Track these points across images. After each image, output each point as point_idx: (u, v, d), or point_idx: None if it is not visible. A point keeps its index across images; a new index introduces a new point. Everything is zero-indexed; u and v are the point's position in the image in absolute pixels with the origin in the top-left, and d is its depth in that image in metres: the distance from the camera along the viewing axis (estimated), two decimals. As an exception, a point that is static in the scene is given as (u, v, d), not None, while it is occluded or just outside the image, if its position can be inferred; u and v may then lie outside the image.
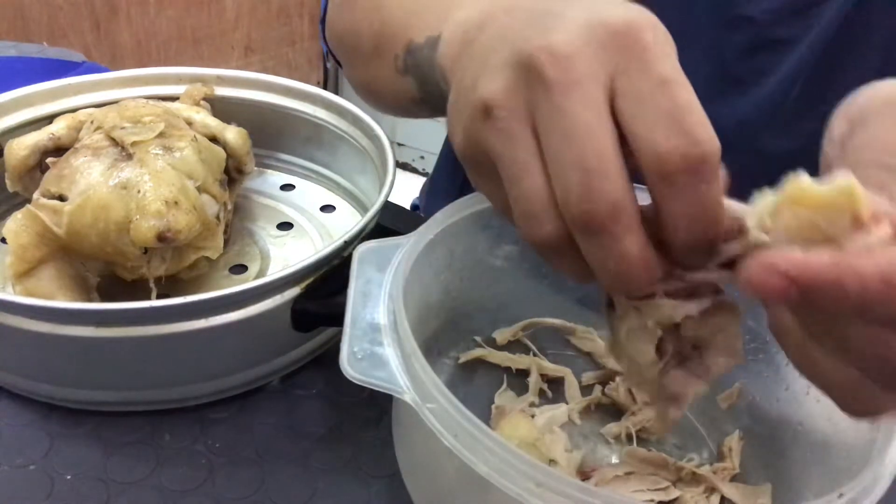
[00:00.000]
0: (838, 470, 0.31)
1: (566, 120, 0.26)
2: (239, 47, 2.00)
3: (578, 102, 0.26)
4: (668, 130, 0.25)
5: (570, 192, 0.26)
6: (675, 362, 0.32)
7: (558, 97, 0.26)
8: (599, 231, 0.26)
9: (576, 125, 0.26)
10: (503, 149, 0.28)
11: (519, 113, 0.28)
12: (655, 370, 0.31)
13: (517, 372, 0.48)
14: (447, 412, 0.30)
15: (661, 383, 0.32)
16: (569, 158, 0.26)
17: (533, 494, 0.29)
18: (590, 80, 0.26)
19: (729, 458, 0.43)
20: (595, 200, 0.26)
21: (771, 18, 0.53)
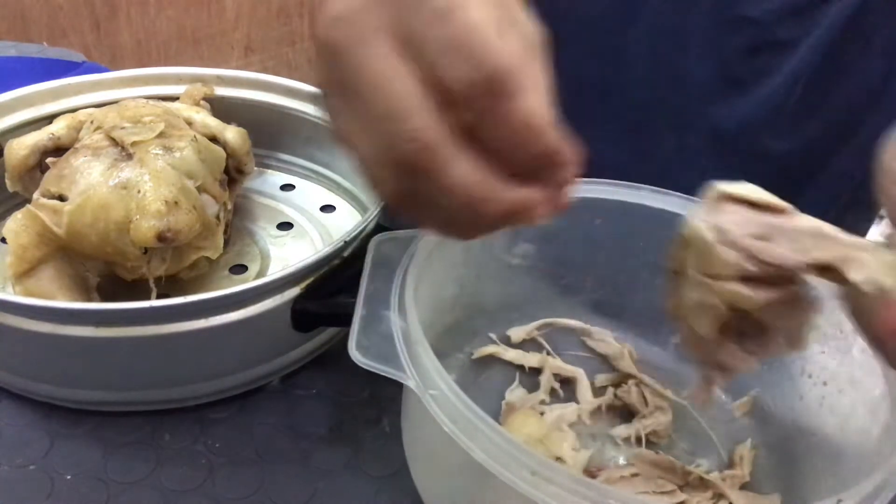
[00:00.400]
0: (849, 482, 0.31)
1: (364, 75, 0.26)
2: (239, 47, 2.00)
3: (370, 56, 0.26)
4: (450, 60, 0.25)
5: (382, 147, 0.27)
6: (734, 336, 0.32)
7: (351, 57, 0.27)
8: (423, 171, 0.26)
9: (372, 78, 0.26)
10: (340, 126, 0.30)
11: (335, 87, 0.29)
12: (710, 340, 0.32)
13: (530, 370, 0.48)
14: (448, 399, 0.31)
15: (714, 352, 0.32)
16: (372, 114, 0.26)
17: (527, 482, 0.29)
18: (374, 33, 0.26)
19: (739, 465, 0.42)
20: (405, 142, 0.26)
21: (772, 19, 0.53)
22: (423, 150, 0.26)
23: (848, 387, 0.39)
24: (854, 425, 0.37)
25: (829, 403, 0.40)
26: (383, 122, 0.26)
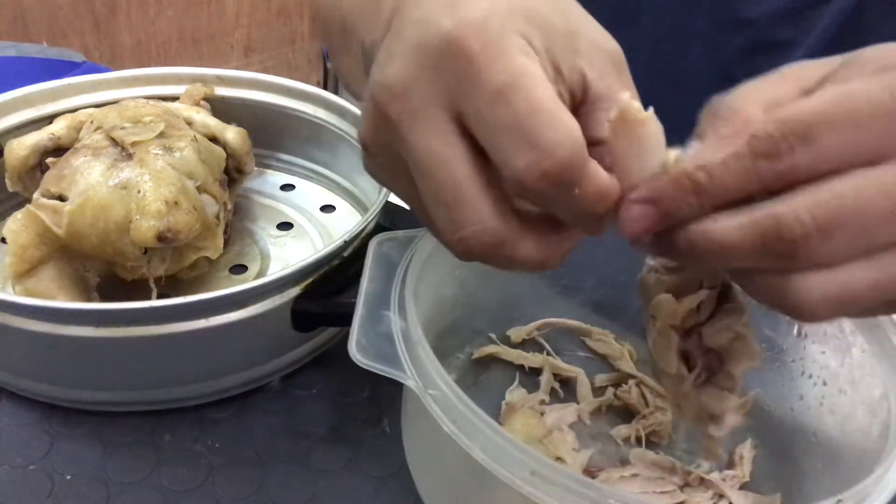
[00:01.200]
0: (849, 481, 0.31)
1: (416, 154, 0.26)
2: (239, 47, 2.00)
3: (423, 134, 0.26)
4: (514, 147, 0.24)
5: (442, 230, 0.26)
6: (706, 377, 0.32)
7: (404, 133, 0.26)
8: (483, 258, 0.26)
9: (425, 158, 0.26)
10: (388, 182, 0.29)
11: (386, 152, 0.28)
12: (687, 384, 0.32)
13: (530, 370, 0.49)
14: (448, 399, 0.31)
15: (697, 403, 0.33)
16: (429, 194, 0.26)
17: (527, 482, 0.29)
18: (428, 108, 0.26)
19: (739, 465, 0.42)
20: (463, 235, 0.26)
21: (770, 20, 0.53)
22: (482, 240, 0.26)
23: (848, 387, 0.39)
24: (854, 425, 0.37)
25: (829, 403, 0.40)
26: (439, 208, 0.26)
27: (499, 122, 0.24)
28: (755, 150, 0.25)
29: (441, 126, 0.26)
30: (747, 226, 0.25)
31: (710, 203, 0.25)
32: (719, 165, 0.25)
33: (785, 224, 0.24)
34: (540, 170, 0.24)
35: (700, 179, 0.25)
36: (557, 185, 0.24)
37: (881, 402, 0.36)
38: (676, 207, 0.26)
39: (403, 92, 0.26)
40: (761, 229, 0.25)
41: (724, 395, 0.32)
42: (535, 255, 0.26)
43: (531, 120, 0.24)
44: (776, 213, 0.24)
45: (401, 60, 0.26)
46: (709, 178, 0.25)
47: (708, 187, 0.25)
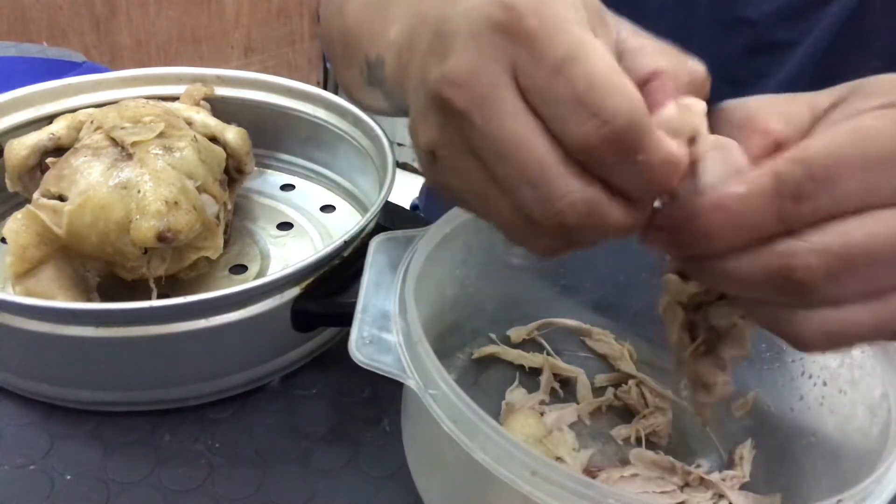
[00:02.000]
0: (849, 482, 0.31)
1: (493, 139, 0.26)
2: (239, 47, 2.00)
3: (497, 117, 0.26)
4: (576, 116, 0.24)
5: (532, 210, 0.26)
6: (705, 350, 0.34)
7: (478, 122, 0.26)
8: (579, 229, 0.26)
9: (503, 143, 0.26)
10: (461, 186, 0.29)
11: (457, 149, 0.28)
12: (686, 353, 0.34)
13: (530, 370, 0.49)
14: (448, 398, 0.31)
15: (694, 370, 0.34)
16: (514, 178, 0.26)
17: (527, 482, 0.29)
18: (497, 91, 0.26)
19: (739, 465, 0.42)
20: (557, 209, 0.26)
21: (771, 21, 0.53)
22: (579, 212, 0.25)
23: (848, 387, 0.39)
24: (854, 425, 0.37)
25: (828, 403, 0.40)
26: (526, 189, 0.26)
27: (560, 94, 0.24)
28: (780, 190, 0.25)
29: (513, 106, 0.26)
30: (758, 265, 0.26)
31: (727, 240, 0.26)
32: (742, 201, 0.25)
33: (795, 266, 0.25)
34: (601, 135, 0.24)
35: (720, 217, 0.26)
36: (620, 150, 0.24)
37: (881, 402, 0.36)
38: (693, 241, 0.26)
39: (469, 80, 0.26)
40: (772, 270, 0.25)
41: (715, 370, 0.34)
42: (627, 219, 0.26)
43: (592, 90, 0.24)
44: (788, 254, 0.25)
45: (459, 51, 0.26)
46: (730, 215, 0.25)
47: (728, 224, 0.26)
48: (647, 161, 0.25)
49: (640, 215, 0.27)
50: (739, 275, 0.26)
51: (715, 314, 0.33)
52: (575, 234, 0.26)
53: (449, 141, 0.28)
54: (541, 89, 0.25)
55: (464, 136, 0.27)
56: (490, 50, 0.26)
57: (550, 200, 0.25)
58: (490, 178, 0.27)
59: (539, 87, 0.25)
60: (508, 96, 0.26)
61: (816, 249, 0.25)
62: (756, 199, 0.25)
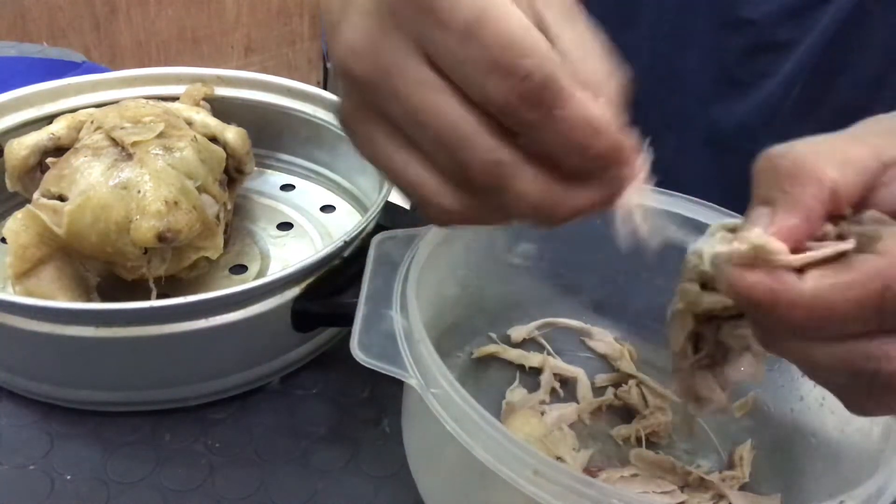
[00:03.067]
0: (849, 482, 0.31)
1: (404, 111, 0.26)
2: (239, 47, 2.00)
3: (406, 85, 0.25)
4: (493, 78, 0.24)
5: (450, 171, 0.26)
6: (707, 363, 0.33)
7: (384, 91, 0.26)
8: (496, 191, 0.26)
9: (415, 111, 0.25)
10: (377, 152, 0.28)
11: (366, 116, 0.27)
12: (687, 363, 0.33)
13: (530, 370, 0.49)
14: (450, 397, 0.31)
15: (691, 382, 0.33)
16: (429, 142, 0.26)
17: (529, 482, 0.29)
18: (403, 60, 0.25)
19: (739, 466, 0.42)
20: (473, 168, 0.25)
21: (770, 21, 0.53)
22: (489, 174, 0.25)
23: (848, 387, 0.39)
24: (854, 425, 0.37)
25: (829, 404, 0.40)
26: (441, 151, 0.26)
27: (473, 57, 0.24)
28: (885, 305, 0.24)
29: (421, 73, 0.25)
30: (842, 361, 0.25)
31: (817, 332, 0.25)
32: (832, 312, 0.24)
33: (885, 372, 0.24)
34: (518, 93, 0.24)
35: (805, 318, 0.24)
36: (536, 105, 0.24)
37: (881, 402, 0.36)
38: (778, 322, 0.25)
39: (373, 50, 0.26)
40: (856, 367, 0.25)
41: (714, 387, 0.33)
42: (535, 191, 0.25)
43: (505, 50, 0.23)
44: (877, 357, 0.24)
45: (359, 21, 0.26)
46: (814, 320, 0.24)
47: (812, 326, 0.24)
48: (565, 117, 0.24)
49: (551, 194, 0.26)
50: (817, 363, 0.25)
51: (729, 333, 0.32)
52: (488, 196, 0.26)
53: (361, 112, 0.28)
54: (452, 55, 0.24)
55: (371, 104, 0.27)
56: (392, 19, 0.25)
57: (464, 163, 0.25)
58: (404, 143, 0.27)
59: (449, 52, 0.24)
60: (413, 65, 0.25)
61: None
62: (859, 304, 0.24)
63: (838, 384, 0.27)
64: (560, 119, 0.24)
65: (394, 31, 0.25)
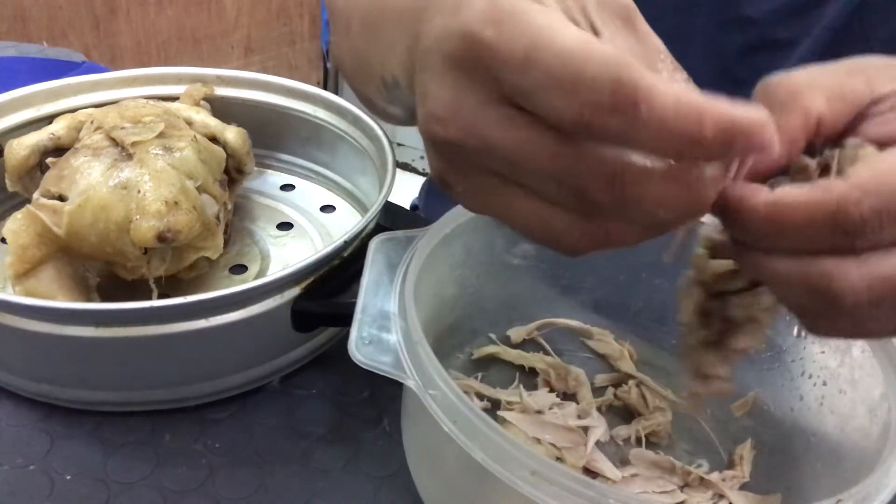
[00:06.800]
0: (849, 482, 0.31)
1: (501, 156, 0.25)
2: (239, 47, 2.00)
3: (493, 132, 0.25)
4: (560, 97, 0.23)
5: (569, 200, 0.26)
6: (714, 340, 0.34)
7: (476, 145, 0.26)
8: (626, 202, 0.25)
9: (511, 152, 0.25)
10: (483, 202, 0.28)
11: (464, 172, 0.28)
12: (694, 339, 0.34)
13: (530, 370, 0.49)
14: (448, 398, 0.31)
15: (697, 358, 0.34)
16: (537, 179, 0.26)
17: (527, 482, 0.29)
18: (483, 111, 0.25)
19: (739, 466, 0.42)
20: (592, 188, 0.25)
21: (771, 19, 0.53)
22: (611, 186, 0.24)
23: (848, 387, 0.39)
24: (854, 425, 0.37)
25: (829, 403, 0.40)
26: (551, 183, 0.25)
27: (539, 85, 0.24)
28: (840, 222, 0.24)
29: (504, 115, 0.25)
30: (801, 274, 0.25)
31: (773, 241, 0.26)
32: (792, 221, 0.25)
33: (839, 289, 0.25)
34: (592, 104, 0.23)
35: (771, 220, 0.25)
36: (615, 110, 0.23)
37: (881, 402, 0.36)
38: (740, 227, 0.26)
39: (454, 111, 0.26)
40: (814, 284, 0.25)
41: (717, 363, 0.34)
42: (673, 192, 0.24)
43: (566, 66, 0.23)
44: (835, 276, 0.25)
45: (436, 85, 0.26)
46: (775, 227, 0.25)
47: (777, 229, 0.25)
48: (654, 110, 0.22)
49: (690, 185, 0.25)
50: (778, 277, 0.26)
51: (735, 304, 0.33)
52: (619, 212, 0.25)
53: (453, 168, 0.28)
54: (522, 89, 0.24)
55: (466, 159, 0.27)
56: (463, 74, 0.25)
57: (582, 185, 0.25)
58: (513, 188, 0.27)
59: (519, 87, 0.24)
60: (493, 111, 0.25)
61: (869, 278, 0.24)
62: (811, 219, 0.24)
63: (798, 303, 0.27)
64: (650, 114, 0.23)
65: (470, 87, 0.25)
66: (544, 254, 0.48)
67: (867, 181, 0.24)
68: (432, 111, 0.26)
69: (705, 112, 0.22)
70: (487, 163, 0.26)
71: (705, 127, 0.22)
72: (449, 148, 0.27)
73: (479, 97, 0.25)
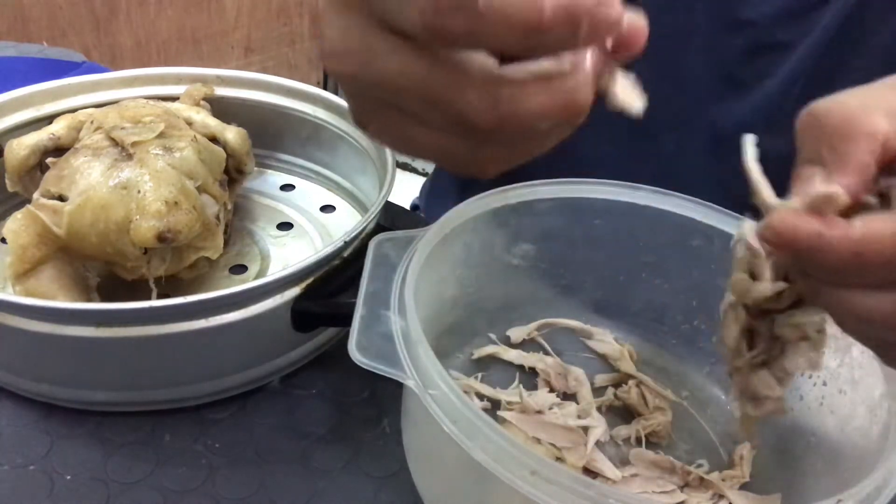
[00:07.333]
0: (849, 482, 0.31)
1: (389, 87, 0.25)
2: (239, 47, 2.00)
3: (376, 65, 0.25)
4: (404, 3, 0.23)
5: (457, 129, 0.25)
6: (763, 360, 0.33)
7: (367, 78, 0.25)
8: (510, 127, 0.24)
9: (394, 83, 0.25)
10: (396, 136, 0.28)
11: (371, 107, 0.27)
12: (743, 361, 0.33)
13: (530, 370, 0.49)
14: (448, 398, 0.31)
15: (747, 381, 0.33)
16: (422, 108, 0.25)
17: (527, 482, 0.29)
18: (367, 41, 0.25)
19: (739, 466, 0.42)
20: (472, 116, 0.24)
21: (770, 21, 0.53)
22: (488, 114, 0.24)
23: (848, 387, 0.39)
24: (854, 425, 0.37)
25: (829, 403, 0.40)
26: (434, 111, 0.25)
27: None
28: None
29: (384, 43, 0.24)
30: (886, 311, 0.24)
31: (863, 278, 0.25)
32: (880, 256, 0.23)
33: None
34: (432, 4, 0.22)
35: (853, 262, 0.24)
36: (455, 7, 0.21)
37: (881, 402, 0.36)
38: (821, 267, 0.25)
39: (344, 45, 0.25)
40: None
41: (772, 384, 0.33)
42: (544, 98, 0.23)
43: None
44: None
45: (328, 22, 0.26)
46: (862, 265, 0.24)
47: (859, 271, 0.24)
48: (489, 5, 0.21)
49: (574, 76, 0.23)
50: (865, 313, 0.25)
51: (784, 323, 0.31)
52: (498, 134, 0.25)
53: (362, 105, 0.28)
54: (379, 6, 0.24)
55: (368, 95, 0.27)
56: (346, 11, 0.25)
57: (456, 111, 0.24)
58: (406, 116, 0.26)
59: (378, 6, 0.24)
60: (375, 39, 0.25)
61: None
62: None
63: (878, 338, 0.26)
64: (487, 4, 0.21)
65: (351, 16, 0.25)
66: (544, 254, 0.48)
67: None
68: (327, 48, 0.26)
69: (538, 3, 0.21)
70: (384, 95, 0.26)
71: (543, 7, 0.21)
72: (351, 84, 0.27)
73: (362, 27, 0.25)
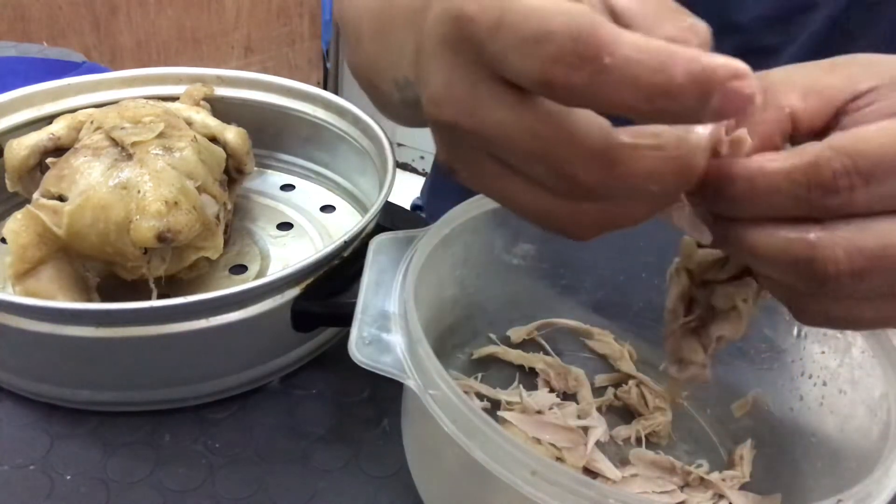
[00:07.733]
0: (849, 482, 0.31)
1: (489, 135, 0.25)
2: (239, 47, 2.00)
3: (479, 113, 0.25)
4: (527, 53, 0.22)
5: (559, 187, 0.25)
6: (695, 326, 0.35)
7: (468, 126, 0.25)
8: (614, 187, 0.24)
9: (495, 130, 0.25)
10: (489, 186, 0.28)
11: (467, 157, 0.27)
12: (676, 324, 0.35)
13: (529, 370, 0.49)
14: (448, 398, 0.31)
15: (677, 344, 0.35)
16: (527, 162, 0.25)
17: (527, 482, 0.29)
18: (475, 87, 0.25)
19: (739, 466, 0.42)
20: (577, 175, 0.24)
21: (758, 25, 0.54)
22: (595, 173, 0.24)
23: (848, 387, 0.39)
24: (854, 425, 0.37)
25: (829, 403, 0.40)
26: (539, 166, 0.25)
27: (506, 46, 0.23)
28: (813, 180, 0.24)
29: (492, 94, 0.24)
30: (782, 246, 0.25)
31: (751, 209, 0.26)
32: (769, 182, 0.25)
33: (820, 258, 0.24)
34: (553, 57, 0.22)
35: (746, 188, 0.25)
36: (578, 62, 0.21)
37: (881, 402, 0.36)
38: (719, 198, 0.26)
39: (448, 92, 0.25)
40: (795, 254, 0.25)
41: (698, 349, 0.34)
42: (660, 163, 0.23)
43: (528, 25, 0.22)
44: (814, 244, 0.24)
45: (432, 68, 0.26)
46: (753, 190, 0.25)
47: (751, 197, 0.25)
48: (615, 57, 0.21)
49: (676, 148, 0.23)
50: (762, 251, 0.26)
51: (719, 294, 0.33)
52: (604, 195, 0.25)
53: (455, 152, 0.28)
54: (496, 55, 0.23)
55: (465, 143, 0.27)
56: (452, 54, 0.25)
57: (565, 169, 0.24)
58: (508, 172, 0.26)
59: (493, 54, 0.24)
60: (483, 89, 0.25)
61: (846, 245, 0.24)
62: (788, 177, 0.24)
63: (782, 283, 0.27)
64: (613, 62, 0.21)
65: (457, 65, 0.25)
66: (544, 254, 0.48)
67: (841, 142, 0.24)
68: (429, 95, 0.26)
69: (674, 55, 0.21)
70: (483, 145, 0.26)
71: (675, 71, 0.21)
72: (448, 131, 0.27)
73: (470, 76, 0.25)
